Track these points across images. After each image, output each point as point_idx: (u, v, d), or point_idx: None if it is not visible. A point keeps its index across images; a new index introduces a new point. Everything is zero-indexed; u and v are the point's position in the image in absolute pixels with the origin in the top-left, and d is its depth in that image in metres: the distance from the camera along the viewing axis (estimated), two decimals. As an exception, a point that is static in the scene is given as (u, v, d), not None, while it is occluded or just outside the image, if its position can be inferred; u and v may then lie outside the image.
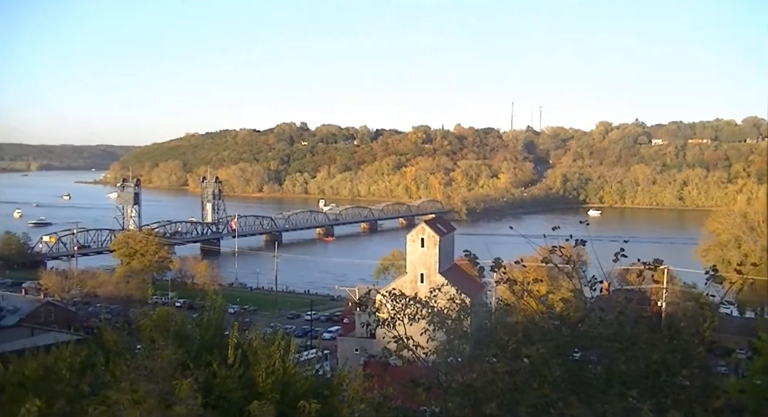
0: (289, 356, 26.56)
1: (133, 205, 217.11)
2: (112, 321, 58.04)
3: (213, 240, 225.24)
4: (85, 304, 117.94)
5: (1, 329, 71.79)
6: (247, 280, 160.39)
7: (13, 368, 26.53)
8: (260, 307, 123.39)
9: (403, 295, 14.67)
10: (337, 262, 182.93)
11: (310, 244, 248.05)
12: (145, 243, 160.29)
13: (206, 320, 27.48)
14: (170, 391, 19.59)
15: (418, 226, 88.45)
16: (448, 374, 13.94)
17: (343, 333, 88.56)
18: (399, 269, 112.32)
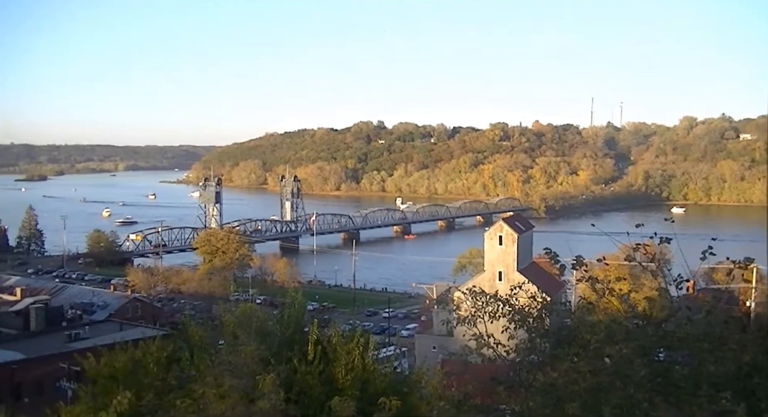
0: (368, 353, 26.68)
1: (215, 203, 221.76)
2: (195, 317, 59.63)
3: (292, 238, 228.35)
4: (170, 300, 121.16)
5: (92, 324, 74.36)
6: (326, 277, 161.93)
7: (104, 361, 27.48)
8: (339, 305, 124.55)
9: (483, 293, 14.58)
10: (414, 259, 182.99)
11: (388, 242, 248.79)
12: (227, 241, 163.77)
13: (287, 317, 27.83)
14: (254, 386, 19.96)
15: (496, 223, 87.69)
16: (529, 373, 13.79)
17: (421, 330, 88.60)
18: (477, 267, 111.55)
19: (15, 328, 70.28)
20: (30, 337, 67.30)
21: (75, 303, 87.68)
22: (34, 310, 71.61)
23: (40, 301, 79.05)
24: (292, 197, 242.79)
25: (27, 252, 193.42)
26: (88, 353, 29.41)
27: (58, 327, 71.04)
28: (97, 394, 25.40)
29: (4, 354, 59.23)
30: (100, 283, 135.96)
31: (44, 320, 71.21)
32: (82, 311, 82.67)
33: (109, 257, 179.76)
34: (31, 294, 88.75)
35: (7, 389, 52.12)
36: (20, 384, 55.09)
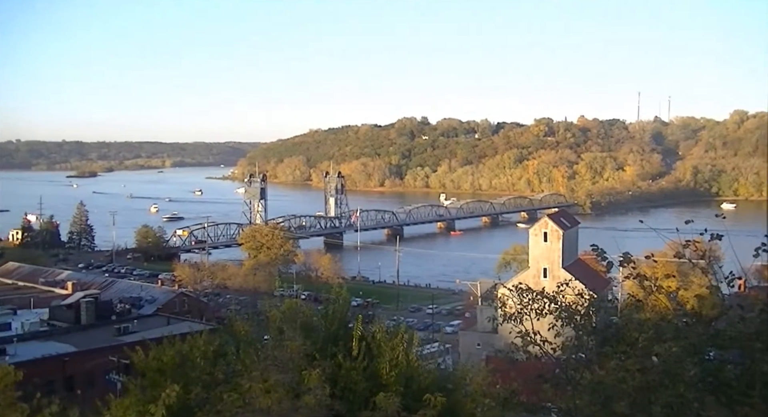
0: (412, 349, 26.65)
1: (260, 199, 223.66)
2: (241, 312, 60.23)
3: (336, 234, 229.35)
4: (216, 295, 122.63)
5: (140, 318, 75.60)
6: (370, 273, 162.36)
7: (152, 355, 27.91)
8: (382, 301, 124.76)
9: (529, 290, 14.46)
10: (458, 256, 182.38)
11: (431, 238, 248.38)
12: (271, 237, 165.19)
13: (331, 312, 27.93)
14: (299, 381, 20.09)
15: (540, 220, 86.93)
16: (576, 371, 13.64)
17: (465, 327, 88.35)
18: (521, 264, 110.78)
19: (66, 321, 71.77)
20: (81, 331, 68.67)
21: (124, 297, 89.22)
22: (84, 304, 73.04)
23: (90, 295, 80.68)
24: (336, 193, 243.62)
25: (78, 247, 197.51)
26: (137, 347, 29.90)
27: (107, 321, 72.33)
28: (146, 387, 25.81)
29: (56, 346, 60.60)
30: (148, 277, 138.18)
31: (94, 314, 72.59)
32: (131, 305, 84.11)
33: (157, 252, 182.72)
34: (81, 288, 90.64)
35: (59, 381, 53.27)
36: (72, 376, 56.26)
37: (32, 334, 65.62)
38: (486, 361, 44.89)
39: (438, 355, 40.73)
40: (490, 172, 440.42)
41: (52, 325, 71.11)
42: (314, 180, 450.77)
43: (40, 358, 55.67)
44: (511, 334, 14.62)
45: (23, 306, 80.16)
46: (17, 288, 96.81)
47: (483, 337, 73.36)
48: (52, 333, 67.43)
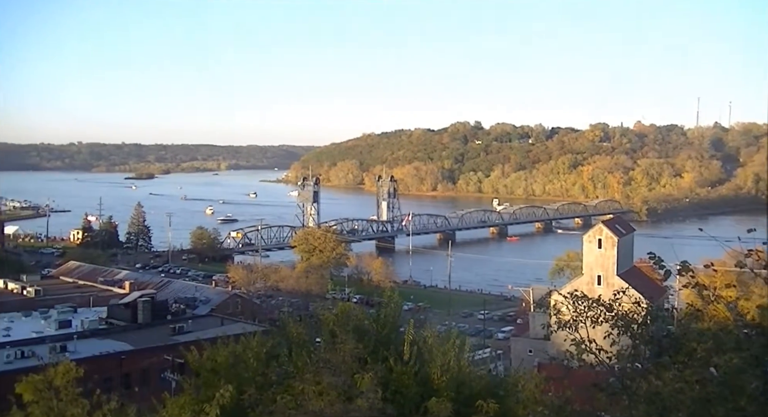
0: (463, 354, 26.58)
1: (313, 203, 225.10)
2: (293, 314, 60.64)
3: (388, 238, 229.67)
4: (269, 297, 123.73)
5: (195, 318, 76.80)
6: (421, 277, 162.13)
7: (206, 355, 28.34)
8: (434, 305, 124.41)
9: (585, 297, 14.28)
10: (510, 261, 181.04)
11: (484, 243, 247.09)
12: (324, 240, 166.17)
13: (383, 316, 27.98)
14: (351, 384, 20.18)
15: (595, 226, 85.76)
16: (632, 380, 13.41)
17: (517, 333, 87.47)
18: (575, 270, 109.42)
19: (124, 319, 73.29)
20: (137, 329, 70.06)
21: (179, 297, 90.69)
22: (141, 304, 74.48)
23: (147, 294, 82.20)
24: (389, 197, 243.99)
25: (135, 247, 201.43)
26: (192, 346, 30.39)
27: (163, 320, 73.67)
28: (200, 387, 26.22)
29: (114, 344, 61.96)
30: (203, 278, 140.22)
31: (150, 313, 73.96)
32: (186, 305, 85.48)
33: (211, 254, 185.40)
34: (138, 288, 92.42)
35: (117, 378, 54.43)
36: (129, 374, 57.46)
37: (91, 332, 67.19)
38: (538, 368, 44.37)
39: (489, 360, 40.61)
40: (543, 178, 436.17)
41: (111, 323, 72.69)
42: (367, 184, 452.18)
43: (99, 356, 56.98)
44: (565, 342, 14.46)
45: (83, 304, 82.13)
46: (77, 286, 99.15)
47: (535, 344, 72.54)
48: (110, 331, 68.93)
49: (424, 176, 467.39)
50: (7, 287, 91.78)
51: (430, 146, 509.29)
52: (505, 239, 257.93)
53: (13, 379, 35.07)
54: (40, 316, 74.42)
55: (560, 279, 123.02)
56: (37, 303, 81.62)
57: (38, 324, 71.54)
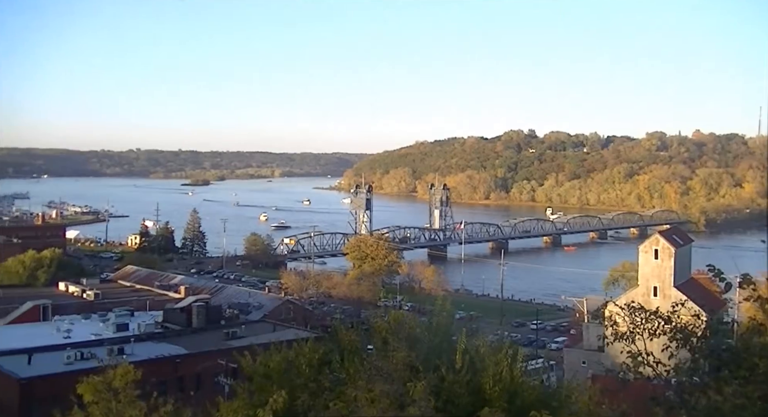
0: (516, 364, 26.34)
1: (365, 210, 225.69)
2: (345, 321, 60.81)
3: (440, 246, 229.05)
4: (320, 303, 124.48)
5: (248, 323, 77.54)
6: (473, 286, 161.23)
7: (259, 360, 28.64)
8: (486, 314, 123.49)
9: (642, 309, 14.04)
10: (563, 271, 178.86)
11: (537, 252, 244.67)
12: (376, 247, 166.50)
13: (435, 325, 27.95)
14: (404, 392, 20.17)
15: (651, 236, 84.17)
16: (691, 395, 13.13)
17: (570, 344, 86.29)
18: (630, 281, 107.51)
19: (179, 324, 74.38)
20: (192, 334, 71.01)
21: (232, 303, 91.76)
22: (196, 308, 75.56)
23: (201, 299, 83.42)
24: (441, 205, 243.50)
25: (190, 252, 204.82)
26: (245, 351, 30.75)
27: (217, 325, 74.56)
28: (253, 392, 26.51)
29: (169, 348, 62.93)
30: (256, 284, 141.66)
31: (205, 318, 74.95)
32: (239, 311, 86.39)
33: (265, 260, 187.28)
34: (193, 293, 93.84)
35: (172, 382, 55.22)
36: (183, 377, 58.26)
37: (148, 335, 68.37)
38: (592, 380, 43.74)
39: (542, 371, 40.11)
40: (598, 187, 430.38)
41: (166, 327, 73.85)
42: (419, 192, 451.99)
43: (155, 359, 57.92)
44: (621, 354, 14.24)
45: (140, 308, 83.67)
46: (135, 290, 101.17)
47: (589, 355, 71.54)
48: (166, 335, 70.00)
49: (476, 184, 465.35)
50: (67, 290, 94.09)
51: (483, 154, 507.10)
52: (558, 248, 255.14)
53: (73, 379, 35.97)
54: (99, 319, 76.04)
55: (615, 290, 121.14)
56: (96, 306, 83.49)
57: (97, 326, 73.11)
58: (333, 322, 37.32)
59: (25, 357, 57.25)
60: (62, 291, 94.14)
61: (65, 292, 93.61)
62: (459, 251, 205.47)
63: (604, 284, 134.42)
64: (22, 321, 75.07)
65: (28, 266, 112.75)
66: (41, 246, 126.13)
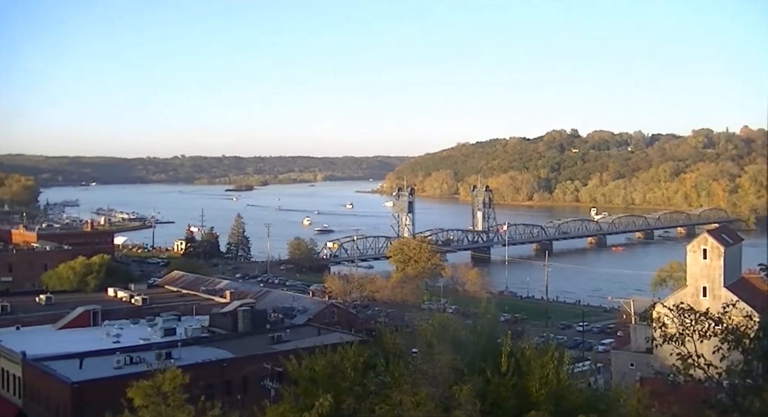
0: (562, 367, 26.11)
1: (408, 213, 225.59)
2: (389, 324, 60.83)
3: (483, 248, 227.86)
4: (364, 307, 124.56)
5: (292, 327, 78.02)
6: (517, 288, 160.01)
7: (304, 364, 28.80)
8: (531, 316, 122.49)
9: (692, 310, 13.76)
10: (609, 272, 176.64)
11: (582, 253, 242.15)
12: (419, 250, 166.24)
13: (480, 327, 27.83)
14: (449, 395, 20.09)
15: (699, 235, 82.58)
16: (744, 397, 12.83)
17: (617, 346, 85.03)
18: (678, 281, 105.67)
19: (225, 328, 75.17)
20: (237, 338, 71.71)
21: (277, 307, 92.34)
22: (241, 313, 76.24)
23: (246, 304, 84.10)
24: (484, 207, 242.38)
25: (235, 257, 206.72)
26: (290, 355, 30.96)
27: (262, 329, 75.15)
28: (299, 395, 26.67)
29: (216, 352, 63.61)
30: (300, 288, 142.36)
31: (250, 322, 75.59)
32: (284, 315, 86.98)
33: (308, 264, 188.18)
34: (239, 297, 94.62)
35: (218, 385, 55.86)
36: (230, 381, 58.87)
37: (194, 340, 69.19)
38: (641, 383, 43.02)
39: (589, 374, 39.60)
40: (643, 186, 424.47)
41: (212, 331, 74.68)
42: (462, 194, 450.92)
43: (202, 363, 58.60)
44: (670, 356, 13.98)
45: (186, 312, 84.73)
46: (181, 295, 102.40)
47: (637, 358, 70.41)
48: (212, 339, 70.77)
49: (519, 186, 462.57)
50: (116, 295, 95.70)
51: (526, 155, 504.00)
52: (603, 249, 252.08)
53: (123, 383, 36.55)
54: (147, 324, 77.23)
55: (662, 290, 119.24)
56: (144, 311, 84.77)
57: (145, 331, 74.25)
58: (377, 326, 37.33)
59: (76, 361, 58.44)
60: (111, 296, 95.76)
61: (114, 297, 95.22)
62: (502, 253, 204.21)
63: (651, 285, 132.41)
64: (73, 326, 76.49)
65: (78, 272, 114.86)
66: (90, 252, 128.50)
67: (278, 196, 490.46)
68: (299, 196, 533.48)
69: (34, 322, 78.07)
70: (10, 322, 77.20)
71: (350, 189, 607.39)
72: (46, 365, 58.68)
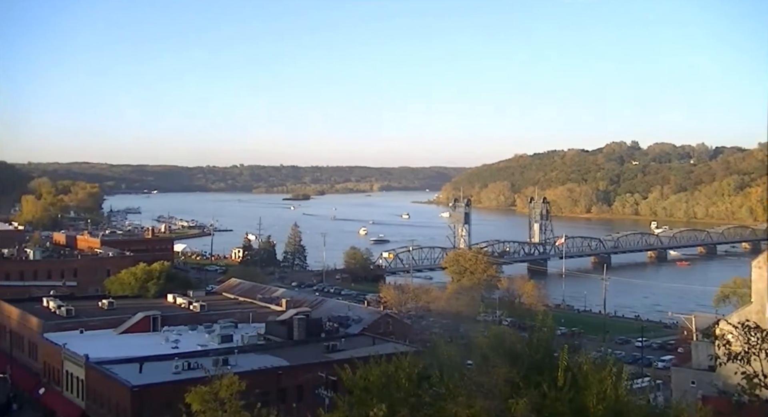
0: (621, 383, 25.66)
1: (464, 224, 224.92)
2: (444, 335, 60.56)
3: (540, 260, 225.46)
4: (419, 317, 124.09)
5: (347, 336, 78.17)
6: (575, 301, 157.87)
7: (359, 373, 28.86)
8: (588, 331, 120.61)
9: (758, 328, 13.39)
10: (670, 287, 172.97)
11: (641, 267, 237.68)
12: (475, 261, 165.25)
13: (536, 341, 27.52)
14: (505, 409, 19.91)
15: (765, 251, 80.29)
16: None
17: (678, 363, 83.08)
18: (742, 298, 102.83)
19: (280, 336, 75.70)
20: (293, 346, 72.14)
21: (332, 316, 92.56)
22: (297, 321, 76.70)
23: (302, 312, 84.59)
24: (541, 219, 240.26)
25: (291, 266, 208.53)
26: (345, 364, 31.05)
27: (317, 338, 75.48)
28: (353, 405, 26.72)
29: (271, 360, 64.11)
30: (355, 297, 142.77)
31: (305, 331, 75.98)
32: (339, 324, 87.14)
33: (364, 274, 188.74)
34: (294, 306, 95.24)
35: (274, 393, 56.25)
36: (285, 389, 59.26)
37: (251, 347, 69.91)
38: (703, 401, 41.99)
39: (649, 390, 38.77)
40: (706, 200, 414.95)
41: (268, 339, 75.31)
42: (518, 205, 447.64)
43: (258, 370, 59.14)
44: (735, 375, 13.61)
45: (243, 320, 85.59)
46: (238, 303, 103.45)
47: (699, 375, 68.63)
48: (268, 347, 71.36)
49: (577, 198, 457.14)
50: (175, 302, 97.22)
51: (584, 167, 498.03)
52: (664, 263, 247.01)
53: (181, 388, 37.25)
54: (205, 330, 78.25)
55: (726, 307, 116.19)
56: (202, 317, 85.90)
57: (203, 337, 75.27)
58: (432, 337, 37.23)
59: (137, 365, 59.62)
60: (170, 302, 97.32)
61: (173, 303, 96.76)
62: (559, 266, 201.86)
63: (714, 301, 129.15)
64: (133, 331, 78.04)
65: (139, 278, 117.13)
66: (151, 259, 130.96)
67: (335, 205, 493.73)
68: (355, 205, 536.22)
69: (96, 326, 79.79)
70: (75, 325, 79.10)
71: (406, 199, 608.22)
72: (107, 369, 60.02)
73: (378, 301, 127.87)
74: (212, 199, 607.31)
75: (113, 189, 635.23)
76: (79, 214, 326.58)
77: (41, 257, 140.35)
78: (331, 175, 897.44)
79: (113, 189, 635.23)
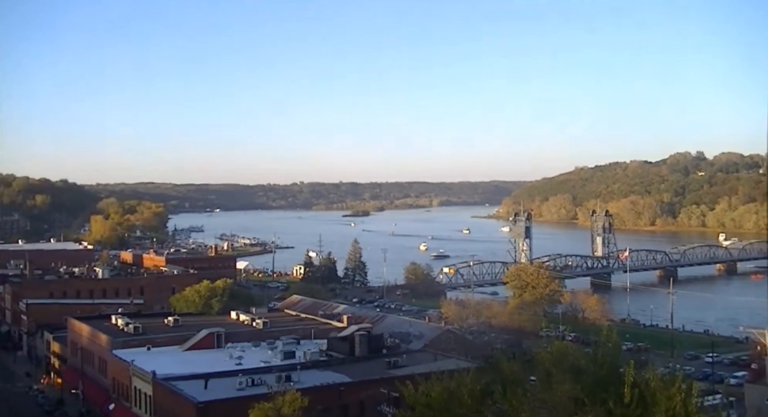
0: (691, 400, 25.02)
1: (525, 238, 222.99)
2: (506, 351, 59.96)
3: (603, 274, 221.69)
4: (481, 333, 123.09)
5: (409, 352, 78.03)
6: (640, 316, 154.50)
7: (421, 389, 28.85)
8: (655, 346, 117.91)
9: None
10: (740, 300, 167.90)
11: (709, 280, 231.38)
12: (536, 276, 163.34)
13: (600, 356, 27.07)
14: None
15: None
16: None
17: (751, 379, 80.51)
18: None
19: (342, 352, 76.01)
20: (354, 362, 72.32)
21: (393, 332, 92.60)
22: (358, 337, 76.91)
23: (363, 328, 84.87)
24: (604, 232, 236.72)
25: (352, 282, 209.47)
26: (407, 381, 31.03)
27: (378, 354, 75.51)
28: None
29: (333, 376, 64.43)
30: (416, 313, 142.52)
31: (367, 347, 76.13)
32: (400, 340, 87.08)
33: (424, 289, 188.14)
34: (355, 322, 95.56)
35: (336, 409, 56.50)
36: (347, 405, 59.40)
37: (313, 363, 70.30)
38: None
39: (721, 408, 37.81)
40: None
41: (330, 355, 75.67)
42: (580, 219, 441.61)
43: (320, 386, 59.44)
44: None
45: (305, 336, 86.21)
46: (300, 319, 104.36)
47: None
48: (330, 363, 71.69)
49: (641, 210, 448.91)
50: (238, 318, 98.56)
51: (647, 179, 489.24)
52: (734, 276, 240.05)
53: (245, 404, 37.71)
54: (268, 347, 79.03)
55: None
56: (264, 334, 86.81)
57: (266, 354, 76.02)
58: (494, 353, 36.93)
59: (202, 382, 60.57)
60: (233, 319, 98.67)
61: (236, 320, 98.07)
62: (624, 279, 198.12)
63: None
64: (198, 347, 79.33)
65: (203, 295, 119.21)
66: (214, 276, 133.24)
67: (394, 221, 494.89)
68: (415, 221, 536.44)
69: (162, 343, 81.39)
70: (142, 342, 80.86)
71: (466, 214, 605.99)
72: (173, 385, 61.10)
73: (439, 316, 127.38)
74: (273, 216, 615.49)
75: (177, 208, 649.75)
76: (144, 233, 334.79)
77: (109, 276, 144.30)
78: (390, 191, 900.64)
79: (177, 208, 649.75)
